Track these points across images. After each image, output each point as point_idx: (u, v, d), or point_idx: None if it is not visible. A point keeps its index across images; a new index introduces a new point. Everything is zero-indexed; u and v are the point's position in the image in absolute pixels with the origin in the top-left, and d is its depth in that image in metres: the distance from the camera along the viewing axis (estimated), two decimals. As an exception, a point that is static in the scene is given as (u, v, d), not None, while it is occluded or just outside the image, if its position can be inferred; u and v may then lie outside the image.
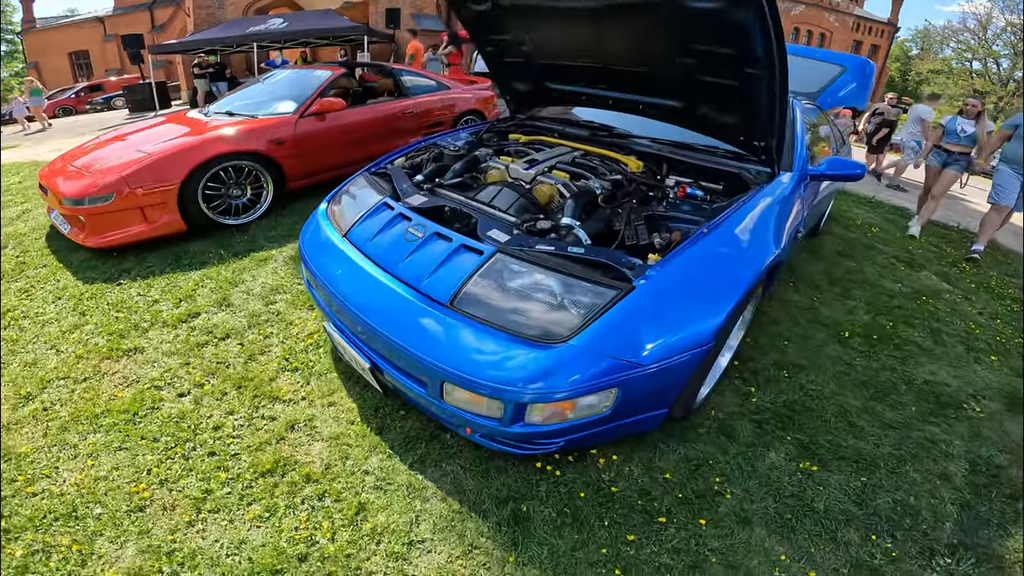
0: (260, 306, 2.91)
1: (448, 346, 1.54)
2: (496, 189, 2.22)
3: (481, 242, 1.80)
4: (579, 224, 1.96)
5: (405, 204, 2.14)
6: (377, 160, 2.74)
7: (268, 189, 4.06)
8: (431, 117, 5.36)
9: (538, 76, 3.07)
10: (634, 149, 2.72)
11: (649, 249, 1.89)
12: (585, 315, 1.50)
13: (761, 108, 2.08)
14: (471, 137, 3.18)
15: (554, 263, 1.65)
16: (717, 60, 2.04)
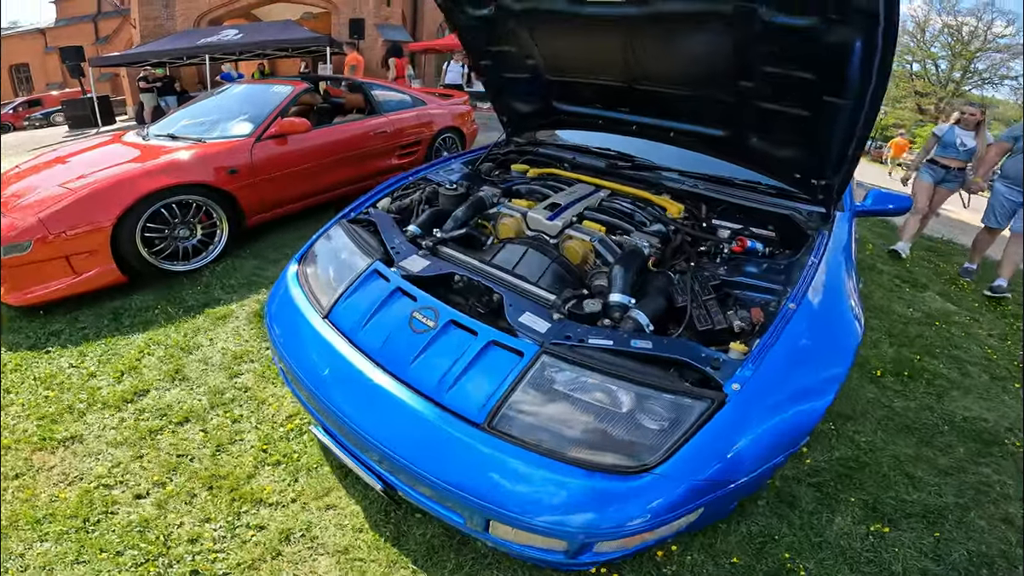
0: (222, 379, 2.44)
1: (492, 479, 1.21)
2: (518, 250, 1.81)
3: (515, 335, 1.40)
4: (634, 303, 1.54)
5: (402, 272, 1.69)
6: (356, 202, 2.28)
7: (222, 227, 3.50)
8: (407, 136, 4.90)
9: (545, 94, 2.63)
10: (664, 186, 2.33)
11: (727, 333, 1.48)
12: (669, 438, 1.19)
13: (833, 142, 1.74)
14: (466, 168, 2.75)
15: (617, 366, 1.28)
16: (789, 85, 1.71)
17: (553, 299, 1.52)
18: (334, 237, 2.00)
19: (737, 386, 1.23)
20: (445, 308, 1.50)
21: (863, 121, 1.58)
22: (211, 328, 2.82)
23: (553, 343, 1.34)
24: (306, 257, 2.01)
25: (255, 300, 3.11)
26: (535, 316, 1.43)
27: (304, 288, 1.83)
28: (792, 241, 2.01)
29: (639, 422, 1.22)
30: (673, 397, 1.22)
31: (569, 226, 1.93)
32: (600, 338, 1.33)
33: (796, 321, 1.41)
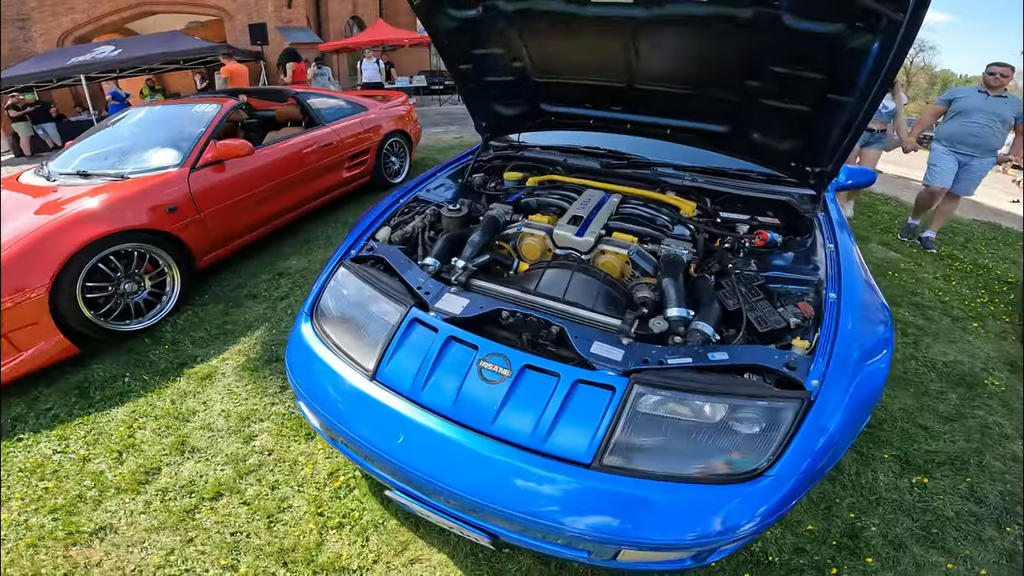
0: (238, 445, 2.20)
1: (617, 513, 1.22)
2: (561, 275, 1.67)
3: (591, 368, 1.36)
4: (693, 314, 1.53)
5: (442, 315, 1.55)
6: (351, 237, 2.03)
7: (172, 275, 3.08)
8: (354, 146, 4.58)
9: (531, 97, 2.49)
10: (667, 183, 2.31)
11: (783, 331, 1.51)
12: (772, 441, 1.25)
13: (832, 134, 1.81)
14: (455, 183, 2.56)
15: (704, 382, 1.31)
16: (796, 84, 1.76)
17: (618, 323, 1.46)
18: (345, 283, 1.77)
19: (816, 382, 1.29)
20: (516, 353, 1.40)
21: (863, 114, 1.64)
22: (199, 390, 2.51)
23: (637, 370, 1.33)
24: (319, 310, 1.77)
25: (237, 352, 2.79)
26: (605, 344, 1.40)
27: (331, 347, 1.63)
28: (793, 225, 2.10)
29: (740, 431, 1.26)
30: (766, 403, 1.27)
31: (599, 240, 1.84)
32: (678, 357, 1.35)
33: (844, 309, 1.49)
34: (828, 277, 1.64)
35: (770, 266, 1.82)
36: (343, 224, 4.52)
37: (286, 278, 3.58)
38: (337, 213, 4.74)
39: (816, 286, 1.66)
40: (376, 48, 14.13)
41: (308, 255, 3.94)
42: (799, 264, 1.82)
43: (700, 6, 1.63)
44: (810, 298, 1.63)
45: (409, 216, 2.17)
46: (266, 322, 3.05)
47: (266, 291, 3.41)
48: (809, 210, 2.08)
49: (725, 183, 2.28)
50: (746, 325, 1.52)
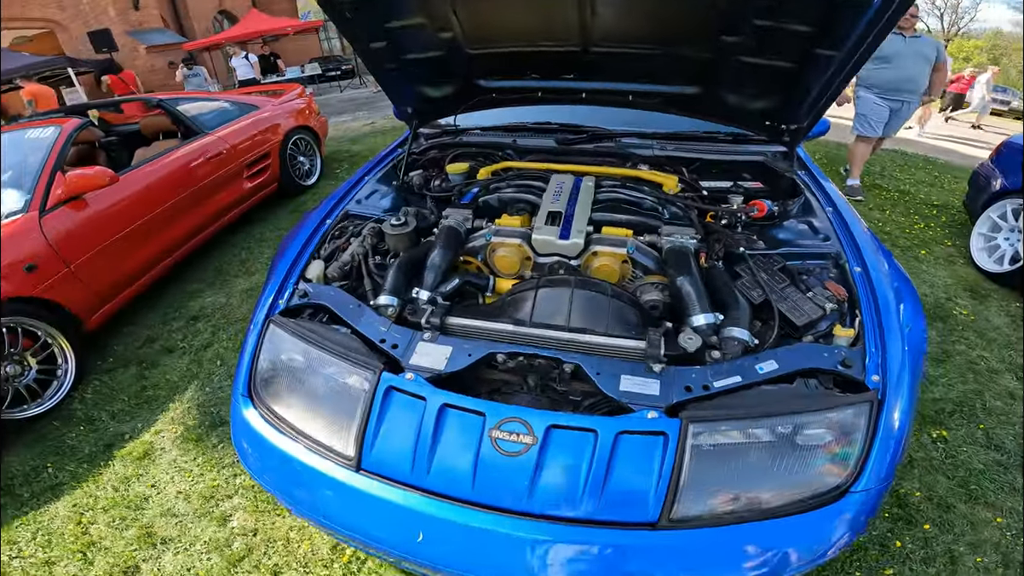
0: (214, 528, 1.87)
1: (695, 570, 1.08)
2: (559, 295, 1.36)
3: (627, 410, 1.15)
4: (721, 317, 1.33)
5: (426, 375, 1.23)
6: (272, 283, 1.55)
7: (60, 345, 2.46)
8: (251, 152, 3.92)
9: (465, 72, 2.06)
10: (636, 155, 2.08)
11: (818, 319, 1.35)
12: (851, 453, 1.12)
13: (813, 90, 1.65)
14: (389, 187, 2.10)
15: (760, 401, 1.15)
16: (778, 38, 1.55)
17: (642, 346, 1.21)
18: (282, 347, 1.36)
19: (877, 377, 1.19)
20: (535, 414, 1.15)
21: (849, 68, 1.50)
22: (141, 473, 2.12)
23: (682, 403, 1.15)
24: (258, 388, 1.36)
25: (169, 421, 2.35)
26: (635, 377, 1.19)
27: (292, 435, 1.27)
28: (774, 187, 1.97)
29: (814, 449, 1.13)
30: (836, 413, 1.13)
31: (589, 239, 1.55)
32: (723, 377, 1.18)
33: (875, 283, 1.37)
34: (845, 247, 1.53)
35: (776, 241, 1.65)
36: (258, 242, 3.91)
37: (204, 321, 3.02)
38: (248, 230, 4.11)
39: (835, 259, 1.54)
40: (255, 41, 12.82)
41: (224, 288, 3.35)
42: (806, 234, 1.67)
43: None
44: (833, 274, 1.50)
45: (343, 240, 1.73)
46: (194, 380, 2.57)
47: (183, 341, 2.87)
48: (787, 168, 1.94)
49: (696, 148, 2.10)
50: (779, 318, 1.34)
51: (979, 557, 1.66)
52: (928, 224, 4.03)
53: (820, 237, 1.63)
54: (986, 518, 1.78)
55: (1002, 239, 3.30)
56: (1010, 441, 2.07)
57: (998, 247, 3.31)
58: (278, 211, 4.43)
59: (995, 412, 2.22)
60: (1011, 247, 3.22)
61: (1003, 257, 3.24)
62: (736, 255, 1.57)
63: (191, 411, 2.36)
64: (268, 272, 1.65)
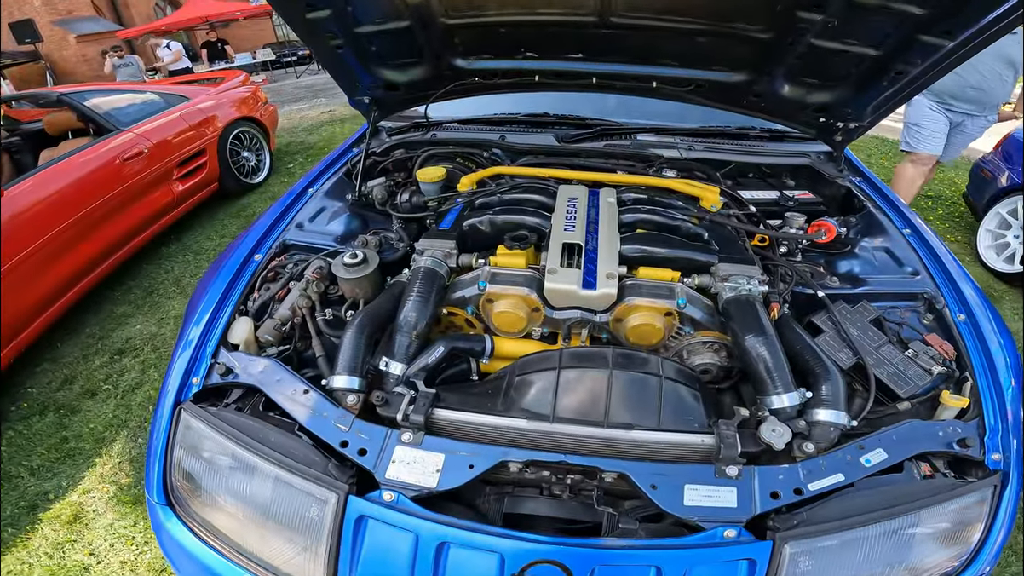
0: None
1: None
2: (591, 381, 1.01)
3: (696, 528, 0.88)
4: (807, 395, 1.02)
5: (411, 494, 0.91)
6: (183, 346, 1.13)
7: None
8: (180, 149, 3.40)
9: (439, 49, 1.61)
10: (660, 157, 1.73)
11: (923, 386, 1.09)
12: (971, 542, 0.95)
13: (894, 84, 1.37)
14: (344, 200, 1.63)
15: (866, 502, 0.92)
16: (878, 20, 1.23)
17: (709, 442, 0.94)
18: (202, 443, 1.00)
19: (998, 455, 1.02)
20: (577, 554, 0.84)
21: (949, 63, 1.24)
22: (74, 538, 1.83)
23: (766, 515, 0.90)
24: (177, 492, 1.01)
25: (99, 479, 2.02)
26: (703, 487, 0.92)
27: (231, 555, 0.96)
28: (825, 197, 1.68)
29: (929, 540, 0.97)
30: (955, 503, 0.96)
31: (623, 286, 1.16)
32: (823, 479, 0.94)
33: (981, 332, 1.15)
34: (940, 285, 1.28)
35: (851, 278, 1.34)
36: (195, 254, 3.44)
37: (131, 356, 2.58)
38: (183, 239, 3.62)
39: (929, 301, 1.26)
40: (200, 27, 11.93)
41: (155, 312, 2.89)
42: (888, 266, 1.37)
43: None
44: (928, 321, 1.24)
45: (280, 286, 1.28)
46: (123, 429, 2.21)
47: (107, 382, 2.46)
48: (837, 175, 1.66)
49: (727, 148, 1.78)
50: (876, 388, 1.08)
51: None
52: (926, 217, 3.79)
53: (907, 271, 1.33)
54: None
55: (1012, 237, 3.06)
56: None
57: (1008, 245, 3.06)
58: (219, 215, 3.95)
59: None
60: (1022, 245, 2.97)
61: (1014, 256, 3.00)
62: (809, 297, 1.26)
63: (123, 467, 2.04)
64: (179, 331, 1.22)
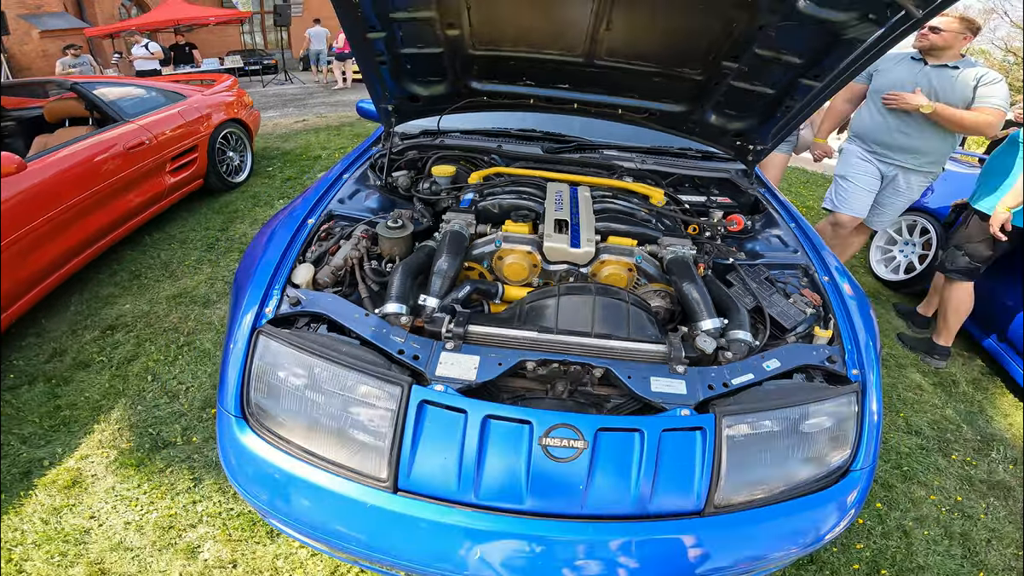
0: (182, 563, 1.65)
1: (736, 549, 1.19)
2: (581, 303, 1.38)
3: (659, 409, 1.21)
4: (725, 322, 1.42)
5: (457, 387, 1.18)
6: (254, 285, 1.37)
7: None
8: (177, 144, 3.57)
9: (461, 73, 2.02)
10: (620, 167, 2.13)
11: (801, 322, 1.49)
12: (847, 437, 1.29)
13: (787, 115, 1.83)
14: (374, 186, 1.98)
15: (771, 395, 1.27)
16: (773, 67, 1.70)
17: (662, 350, 1.28)
18: (278, 361, 1.23)
19: (856, 371, 1.34)
20: (584, 419, 1.16)
21: (820, 98, 1.69)
22: (73, 503, 1.83)
23: (707, 400, 1.23)
24: (254, 402, 1.23)
25: (97, 444, 2.05)
26: (662, 378, 1.24)
27: (306, 459, 1.17)
28: (739, 202, 2.12)
29: (818, 435, 1.26)
30: (832, 403, 1.27)
31: (598, 248, 1.59)
32: (738, 375, 1.29)
33: (841, 287, 1.56)
34: (812, 258, 1.71)
35: (753, 253, 1.79)
36: (181, 243, 3.56)
37: (123, 331, 2.67)
38: (167, 229, 3.74)
39: (805, 269, 1.71)
40: (167, 29, 11.81)
41: (145, 294, 2.99)
42: (778, 246, 1.83)
43: None
44: (805, 282, 1.67)
45: (332, 243, 1.59)
46: (121, 398, 2.26)
47: (100, 355, 2.51)
48: (749, 186, 2.10)
49: (671, 163, 2.21)
50: (770, 323, 1.47)
51: (926, 531, 1.82)
52: None
53: (790, 249, 1.79)
54: (921, 496, 1.96)
55: (897, 251, 3.68)
56: (927, 427, 2.31)
57: (894, 258, 3.68)
58: (201, 209, 4.08)
59: (909, 402, 2.46)
60: (905, 258, 3.60)
61: (899, 267, 3.62)
62: (725, 265, 1.69)
63: (123, 433, 2.09)
64: (242, 276, 1.46)
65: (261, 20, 17.70)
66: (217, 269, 3.24)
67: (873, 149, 2.75)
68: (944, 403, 2.50)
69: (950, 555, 1.76)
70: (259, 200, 4.31)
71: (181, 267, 3.26)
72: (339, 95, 10.65)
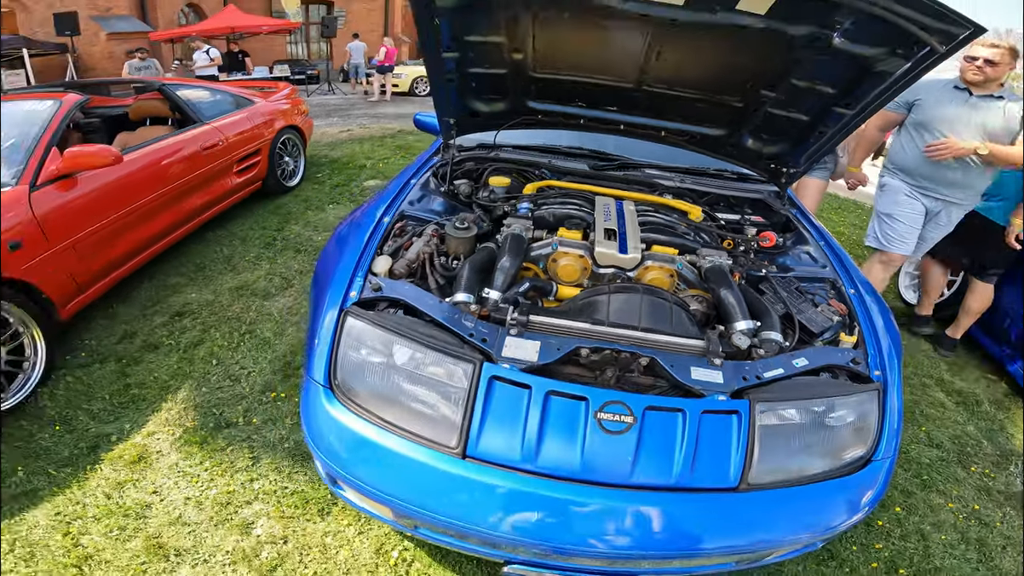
0: (236, 537, 1.75)
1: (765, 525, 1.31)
2: (630, 300, 1.55)
3: (698, 395, 1.35)
4: (758, 324, 1.57)
5: (521, 366, 1.34)
6: (341, 272, 1.56)
7: (32, 335, 2.28)
8: (244, 146, 3.87)
9: (520, 92, 2.24)
10: (661, 185, 2.27)
11: (828, 328, 1.63)
12: (870, 429, 1.42)
13: (820, 141, 1.98)
14: (438, 192, 2.15)
15: (800, 388, 1.40)
16: (809, 96, 1.85)
17: (701, 345, 1.43)
18: (363, 338, 1.40)
19: (878, 372, 1.48)
20: (632, 397, 1.31)
21: (852, 125, 1.84)
22: (137, 478, 1.94)
23: (743, 389, 1.36)
24: (340, 375, 1.39)
25: (164, 422, 2.19)
26: (701, 368, 1.39)
27: (386, 428, 1.31)
28: (771, 221, 2.22)
29: (842, 427, 1.39)
30: (856, 398, 1.40)
31: (645, 254, 1.76)
32: (770, 369, 1.41)
33: (867, 302, 1.71)
34: (840, 273, 1.85)
35: (785, 267, 1.93)
36: (241, 240, 3.83)
37: (190, 318, 2.90)
38: (228, 226, 4.02)
39: (833, 282, 1.84)
40: (219, 37, 12.49)
41: (209, 285, 3.24)
42: (807, 262, 1.97)
43: (753, 18, 1.59)
44: (832, 294, 1.80)
45: (405, 239, 1.79)
46: (187, 379, 2.44)
47: (169, 338, 2.72)
48: (782, 207, 2.22)
49: (708, 183, 2.34)
50: (799, 328, 1.62)
51: (943, 535, 1.91)
52: (861, 264, 4.43)
53: (819, 265, 1.93)
54: (940, 503, 2.05)
55: None
56: (947, 441, 2.41)
57: None
58: (258, 210, 4.35)
59: (931, 418, 2.55)
60: None
61: None
62: (758, 277, 1.83)
63: (188, 412, 2.23)
64: (328, 263, 1.66)
65: (306, 31, 18.44)
66: (275, 265, 3.48)
67: (919, 184, 2.68)
68: (966, 420, 2.57)
69: (966, 559, 1.84)
70: (310, 204, 4.57)
71: (242, 262, 3.52)
72: (380, 107, 11.04)
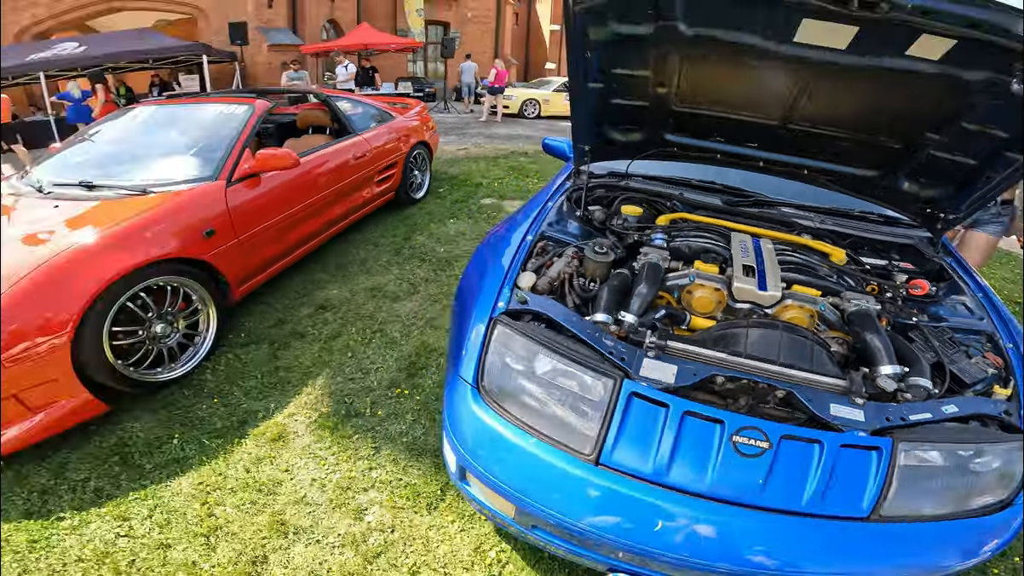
0: (348, 522, 1.85)
1: (896, 557, 1.30)
2: (769, 336, 1.53)
3: (838, 430, 1.35)
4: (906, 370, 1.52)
5: (656, 384, 1.39)
6: (489, 283, 1.68)
7: (208, 313, 2.60)
8: (385, 158, 4.18)
9: (660, 125, 2.24)
10: (799, 224, 2.20)
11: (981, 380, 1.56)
12: (1015, 478, 1.39)
13: (986, 187, 1.85)
14: (573, 216, 2.20)
15: (946, 433, 1.39)
16: (979, 140, 1.74)
17: (842, 384, 1.43)
18: (511, 346, 1.48)
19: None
20: (769, 425, 1.34)
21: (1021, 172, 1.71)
22: (273, 455, 2.09)
23: (885, 429, 1.36)
24: (487, 378, 1.48)
25: (303, 405, 2.36)
26: (841, 406, 1.39)
27: (527, 431, 1.39)
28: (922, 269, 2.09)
29: (987, 471, 1.37)
30: (1004, 446, 1.39)
31: (786, 293, 1.72)
32: (916, 413, 1.40)
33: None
34: (998, 326, 1.76)
35: (936, 316, 1.84)
36: (375, 246, 4.11)
37: (331, 312, 3.15)
38: (363, 232, 4.32)
39: (990, 336, 1.74)
40: (352, 53, 13.64)
41: (348, 283, 3.51)
42: (964, 312, 1.87)
43: (923, 63, 1.53)
44: (989, 347, 1.71)
45: (547, 258, 1.84)
46: (325, 367, 2.64)
47: (312, 328, 2.98)
48: (934, 254, 2.10)
49: (851, 224, 2.24)
50: (949, 377, 1.56)
51: None
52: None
53: (975, 316, 1.82)
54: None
55: None
56: None
57: None
58: (388, 219, 4.63)
59: None
60: None
61: None
62: (907, 324, 1.75)
63: (324, 399, 2.38)
64: (477, 275, 1.77)
65: (425, 50, 19.68)
66: (403, 271, 3.69)
67: None
68: None
69: None
70: (434, 217, 4.80)
71: (375, 265, 3.76)
72: (492, 127, 11.41)
